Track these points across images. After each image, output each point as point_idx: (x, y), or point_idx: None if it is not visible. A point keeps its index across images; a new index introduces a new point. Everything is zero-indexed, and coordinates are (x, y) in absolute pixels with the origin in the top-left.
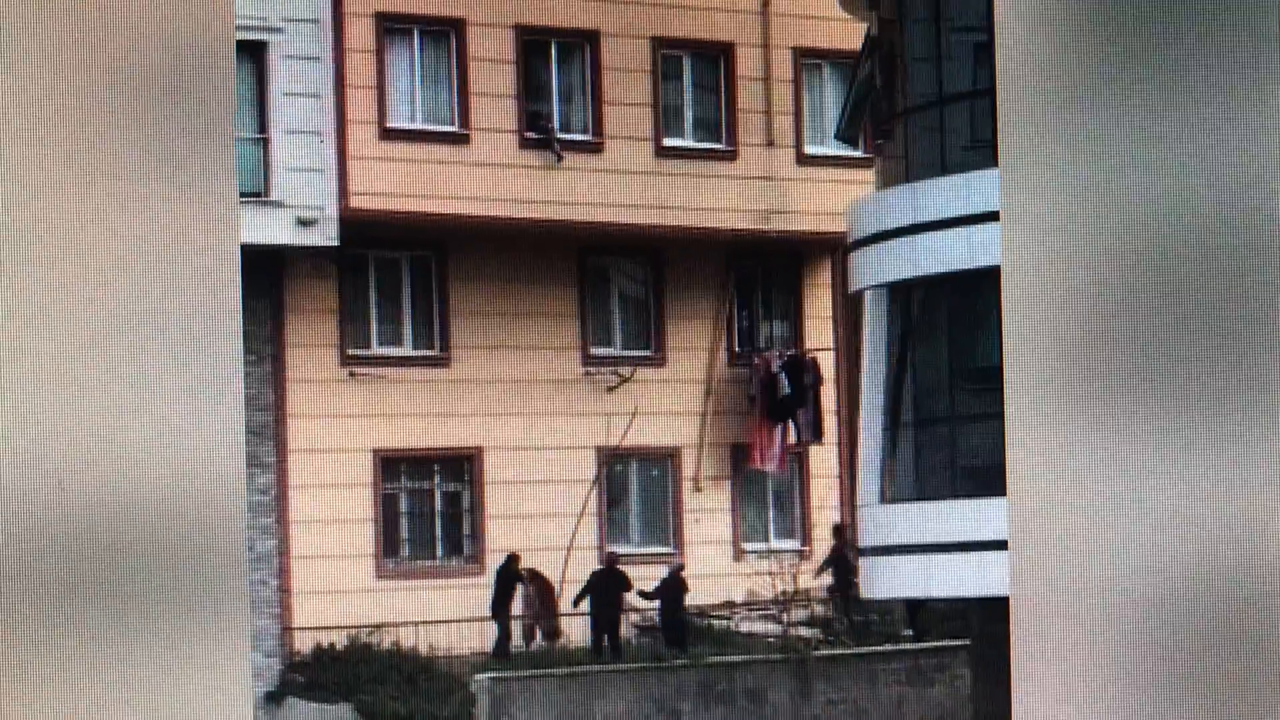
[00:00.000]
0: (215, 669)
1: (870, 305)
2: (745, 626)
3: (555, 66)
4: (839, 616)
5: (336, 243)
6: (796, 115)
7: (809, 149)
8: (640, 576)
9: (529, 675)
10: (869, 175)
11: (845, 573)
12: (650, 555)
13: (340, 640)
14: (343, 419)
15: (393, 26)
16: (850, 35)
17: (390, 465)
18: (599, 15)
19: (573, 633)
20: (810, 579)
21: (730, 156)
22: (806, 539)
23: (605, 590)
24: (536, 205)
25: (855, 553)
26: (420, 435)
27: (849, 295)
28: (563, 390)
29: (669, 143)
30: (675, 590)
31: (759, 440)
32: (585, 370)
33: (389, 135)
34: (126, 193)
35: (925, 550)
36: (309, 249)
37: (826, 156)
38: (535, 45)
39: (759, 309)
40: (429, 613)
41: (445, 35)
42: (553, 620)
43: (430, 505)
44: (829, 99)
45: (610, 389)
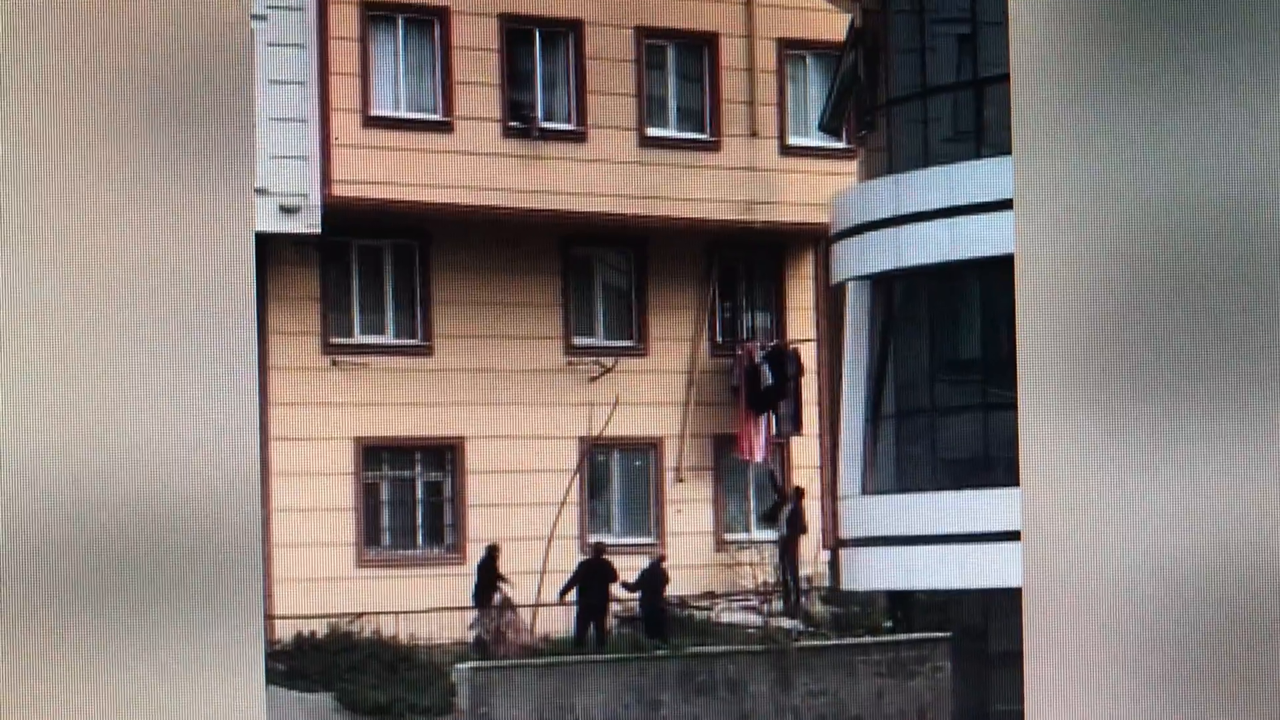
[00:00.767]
0: (229, 662)
1: (852, 296)
2: (726, 617)
3: (539, 55)
4: (782, 578)
5: (319, 230)
6: (780, 106)
7: (792, 140)
8: (622, 567)
9: (509, 665)
10: (852, 166)
11: (795, 528)
12: (632, 545)
13: (321, 629)
14: (324, 407)
15: (377, 14)
16: (834, 26)
17: (372, 454)
18: (583, 4)
19: (555, 623)
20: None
21: (714, 147)
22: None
23: (592, 581)
24: (520, 194)
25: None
26: (402, 424)
27: (831, 286)
28: (545, 380)
29: (653, 133)
30: (656, 581)
31: (746, 432)
32: (568, 360)
33: (372, 123)
34: (144, 193)
35: (906, 542)
36: (292, 236)
37: (810, 147)
38: (519, 34)
39: (742, 300)
40: (410, 602)
41: (429, 23)
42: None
43: (412, 494)
44: (813, 90)
45: (593, 379)
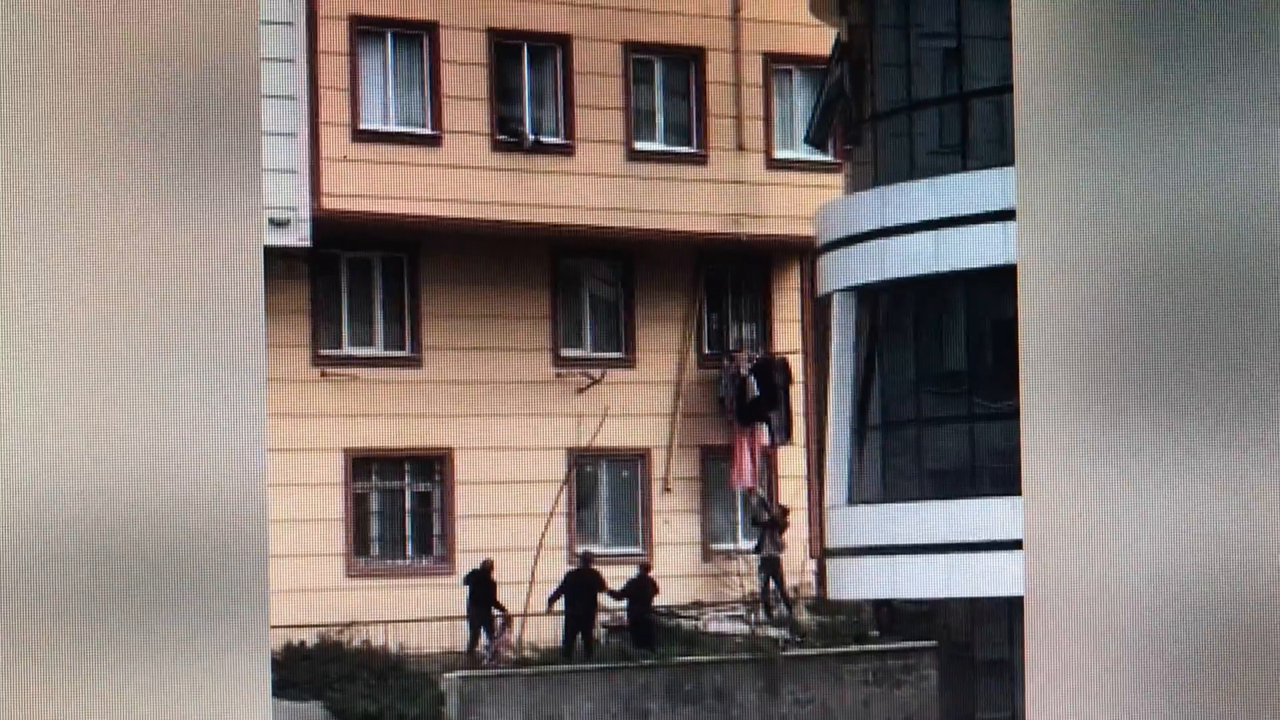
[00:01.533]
0: (235, 670)
1: (838, 308)
2: (713, 626)
3: (527, 70)
4: (779, 594)
5: (309, 243)
6: (766, 120)
7: (779, 153)
8: (609, 577)
9: (498, 674)
10: (838, 179)
11: (773, 539)
12: (619, 555)
13: (310, 638)
14: (314, 418)
15: (366, 29)
16: (820, 41)
17: (361, 465)
18: (571, 19)
19: (543, 632)
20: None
21: (701, 160)
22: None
23: (579, 591)
24: (508, 207)
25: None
26: (391, 435)
27: (817, 298)
28: (534, 391)
29: (640, 146)
30: (643, 590)
31: (738, 460)
32: (556, 372)
33: (362, 137)
34: (155, 206)
35: (892, 552)
36: (282, 249)
37: (796, 161)
38: (507, 49)
39: (729, 311)
40: (399, 612)
41: (418, 38)
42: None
43: (401, 505)
44: (799, 104)
45: (581, 390)
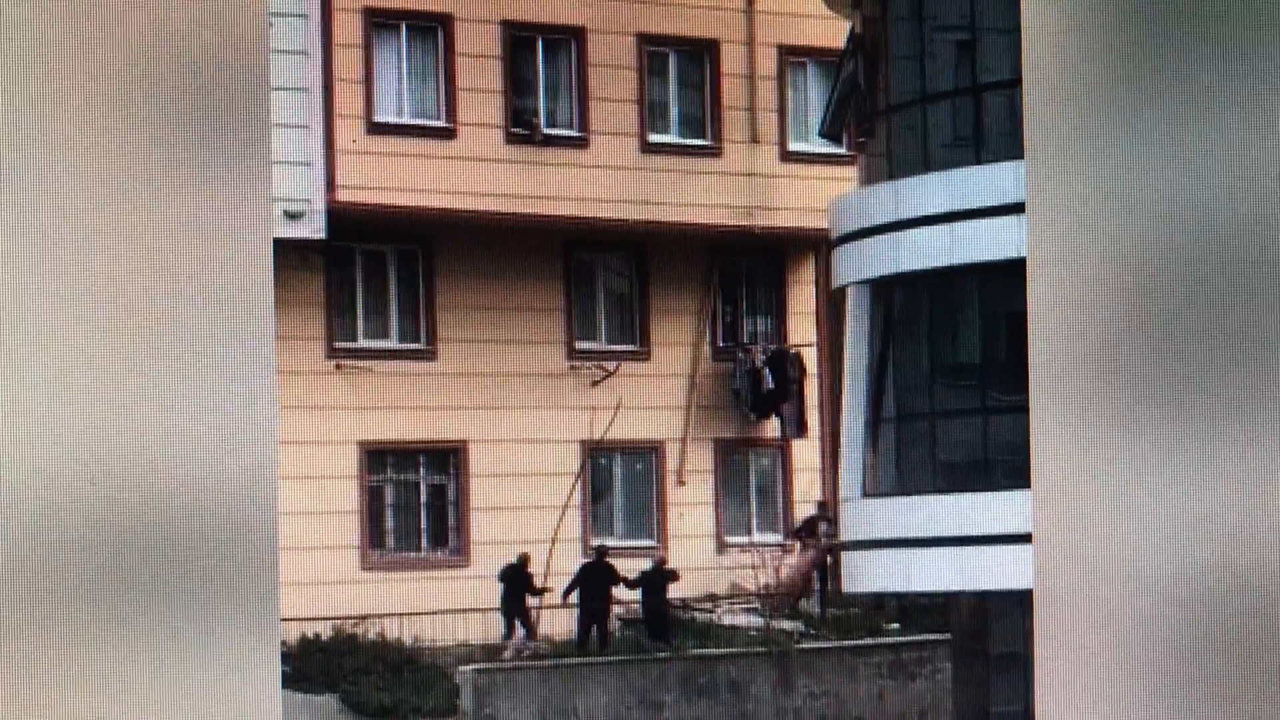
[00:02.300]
0: (245, 662)
1: (852, 301)
2: (728, 619)
3: (541, 62)
4: (821, 586)
5: (323, 235)
6: (780, 112)
7: (793, 146)
8: (624, 569)
9: (512, 667)
10: (852, 172)
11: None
12: (634, 548)
13: (325, 631)
14: (328, 411)
15: (380, 21)
16: (834, 33)
17: (376, 457)
18: (585, 11)
19: (558, 625)
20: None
21: (715, 153)
22: (789, 532)
23: (594, 583)
24: (523, 200)
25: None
26: (406, 428)
27: (831, 291)
28: (548, 384)
29: (654, 139)
30: (657, 582)
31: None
32: (570, 364)
33: (376, 129)
34: (164, 196)
35: (906, 544)
36: (296, 241)
37: (810, 153)
38: (522, 41)
39: (743, 304)
40: (414, 604)
41: (432, 30)
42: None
43: (415, 497)
44: (813, 96)
45: (595, 383)
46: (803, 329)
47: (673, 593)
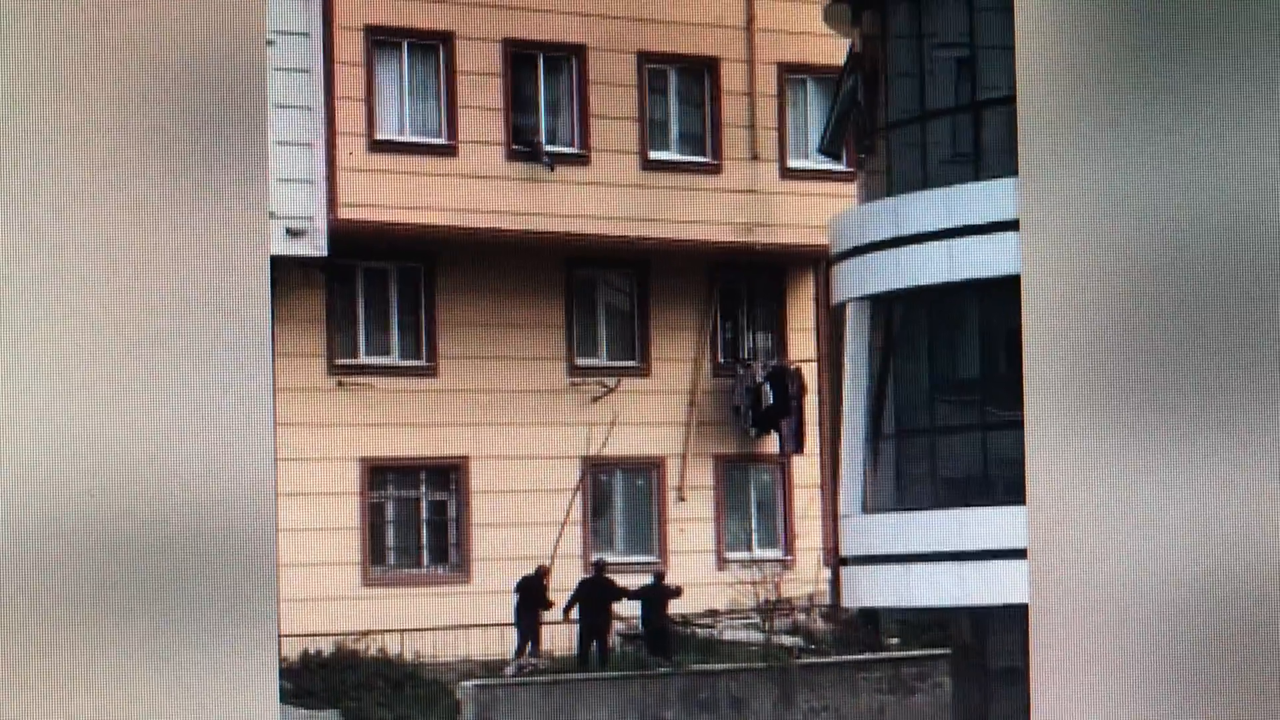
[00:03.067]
0: (243, 678)
1: (852, 317)
2: (729, 635)
3: (542, 80)
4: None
5: (325, 253)
6: (780, 129)
7: (792, 163)
8: (624, 585)
9: (514, 683)
10: (851, 189)
11: None
12: (634, 564)
13: (327, 647)
14: (330, 427)
15: (382, 40)
16: (834, 51)
17: (377, 474)
18: (585, 30)
19: (559, 641)
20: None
21: (715, 170)
22: (789, 548)
23: (594, 599)
24: (523, 217)
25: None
26: (407, 444)
27: (831, 307)
28: (549, 400)
29: (654, 156)
30: (659, 598)
31: None
32: (571, 380)
33: (377, 147)
34: (161, 204)
35: (906, 560)
36: (298, 259)
37: (810, 170)
38: (523, 59)
39: (743, 320)
40: (415, 620)
41: (434, 48)
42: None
43: (416, 513)
44: (812, 113)
45: (595, 399)
46: (803, 345)
47: (673, 608)
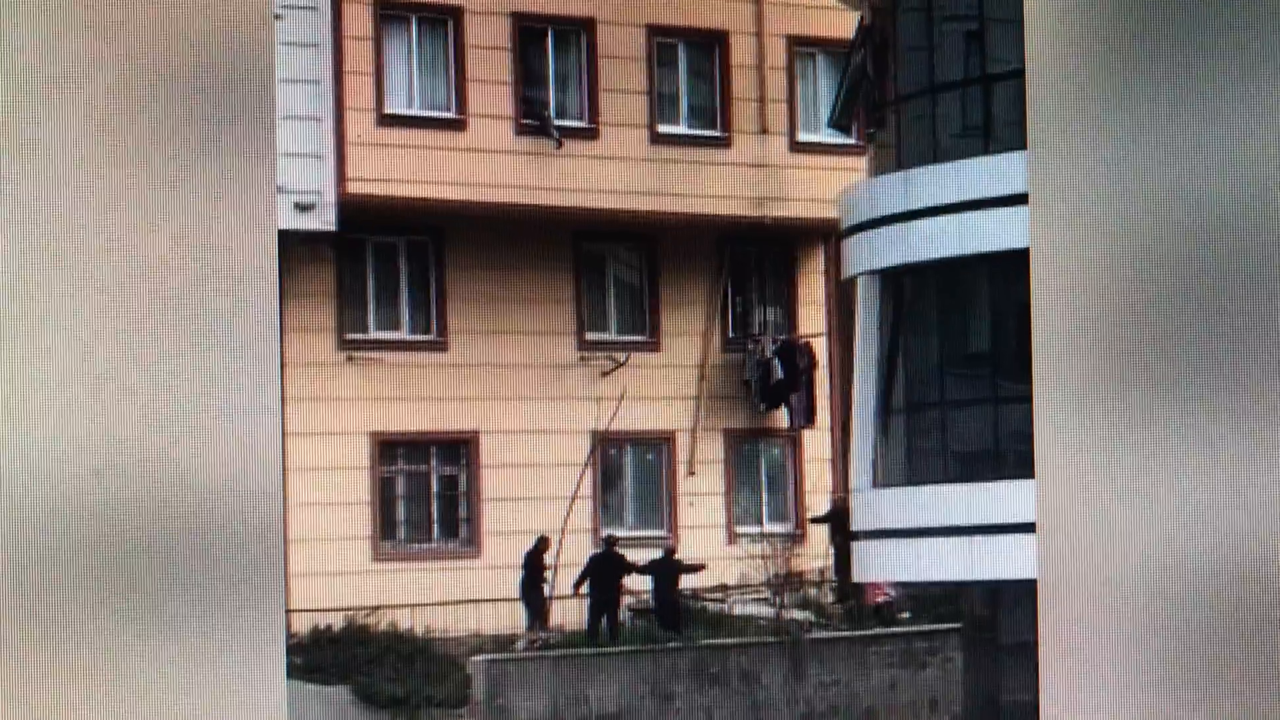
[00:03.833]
0: (250, 658)
1: (862, 291)
2: (739, 609)
3: (551, 54)
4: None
5: (334, 228)
6: (790, 103)
7: (802, 136)
8: (635, 560)
9: (524, 657)
10: (861, 162)
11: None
12: (644, 538)
13: (337, 622)
14: (340, 402)
15: (391, 14)
16: (843, 24)
17: (387, 448)
18: (595, 3)
19: (569, 615)
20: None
21: (724, 143)
22: (799, 522)
23: (604, 574)
24: (533, 191)
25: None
26: (417, 419)
27: (841, 281)
28: (559, 375)
29: (664, 130)
30: (668, 571)
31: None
32: (581, 355)
33: (387, 121)
34: (167, 188)
35: (916, 534)
36: (307, 234)
37: (819, 144)
38: (531, 33)
39: (753, 294)
40: (425, 595)
41: (442, 22)
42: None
43: (427, 488)
44: (822, 87)
45: (605, 374)
46: (813, 319)
47: (683, 583)
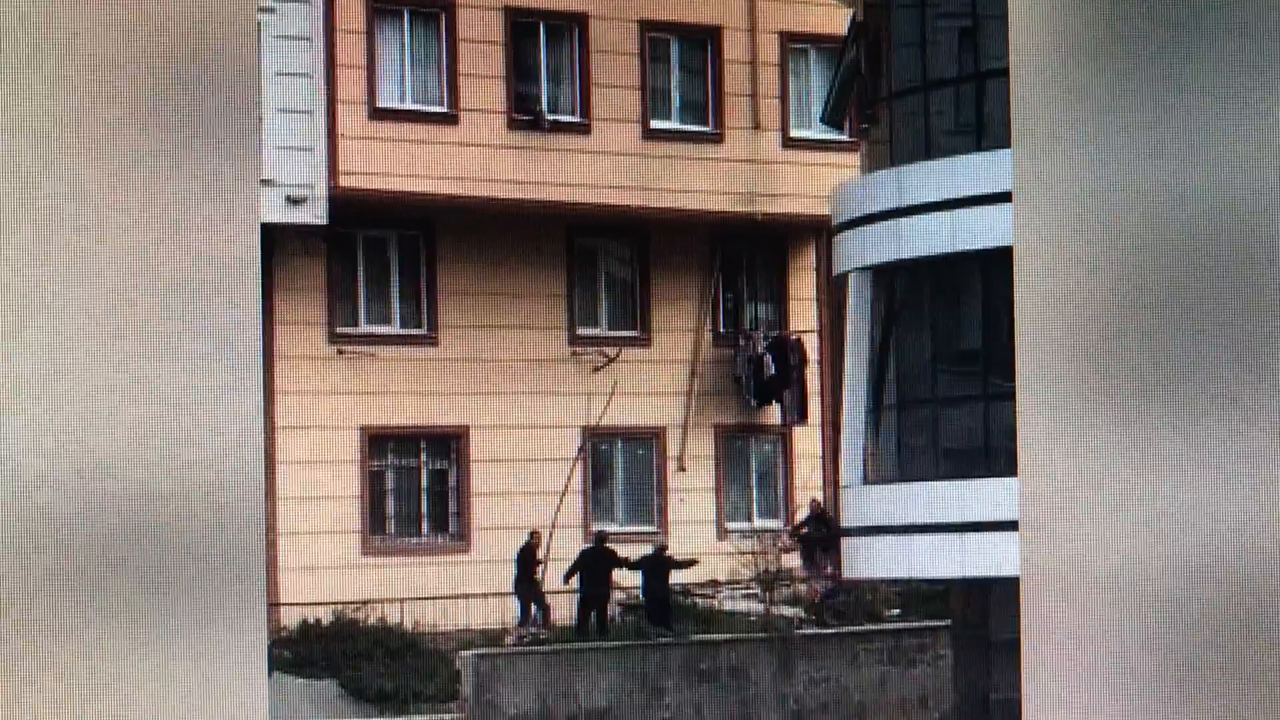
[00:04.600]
0: (232, 656)
1: (854, 288)
2: (729, 605)
3: (544, 48)
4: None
5: (326, 221)
6: (782, 99)
7: (794, 132)
8: (626, 555)
9: (513, 652)
10: (854, 159)
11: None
12: (635, 534)
13: (326, 616)
14: (330, 396)
15: (383, 7)
16: (836, 20)
17: (377, 442)
18: None
19: (559, 610)
20: (790, 555)
21: (716, 139)
22: (789, 519)
23: (594, 568)
24: (524, 186)
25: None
26: (407, 413)
27: (833, 278)
28: (549, 370)
29: (656, 125)
30: (658, 568)
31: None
32: (572, 350)
33: (378, 115)
34: (150, 182)
35: (907, 531)
36: (298, 227)
37: (812, 140)
38: (524, 27)
39: (744, 290)
40: (414, 589)
41: (435, 16)
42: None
43: (417, 482)
44: (815, 83)
45: (596, 369)
46: (804, 315)
47: (675, 578)
